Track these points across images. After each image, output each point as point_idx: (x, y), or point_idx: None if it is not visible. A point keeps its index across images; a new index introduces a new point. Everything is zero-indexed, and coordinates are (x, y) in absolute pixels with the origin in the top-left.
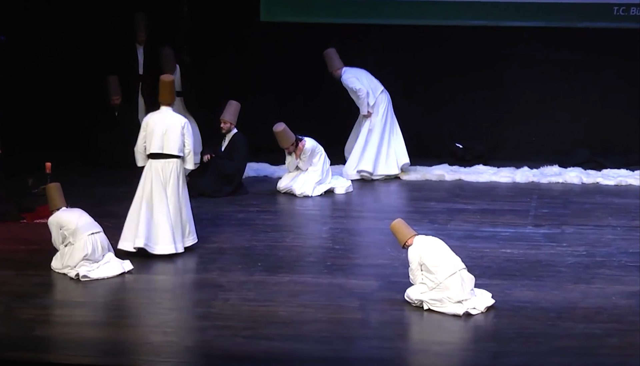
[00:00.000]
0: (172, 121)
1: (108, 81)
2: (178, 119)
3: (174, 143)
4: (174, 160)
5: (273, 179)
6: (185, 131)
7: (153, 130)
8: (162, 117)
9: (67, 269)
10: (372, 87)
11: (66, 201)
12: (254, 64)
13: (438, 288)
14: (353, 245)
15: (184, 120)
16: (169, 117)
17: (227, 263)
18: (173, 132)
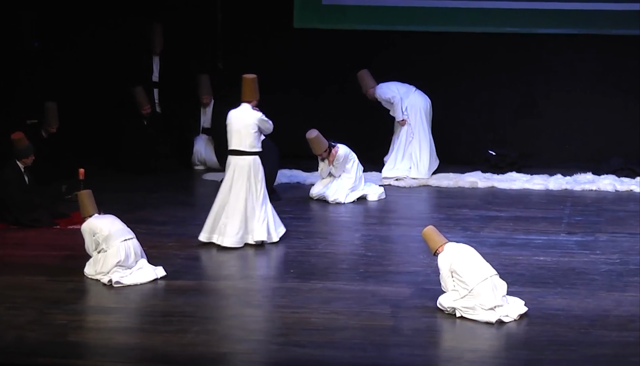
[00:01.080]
0: (247, 119)
1: (136, 92)
2: (253, 115)
3: (247, 140)
4: (248, 157)
5: (306, 185)
6: (260, 123)
7: (232, 127)
8: (239, 114)
9: (100, 276)
10: (403, 93)
11: (99, 208)
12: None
13: (470, 295)
14: (385, 252)
15: (258, 115)
16: (245, 115)
17: (260, 269)
18: (246, 130)
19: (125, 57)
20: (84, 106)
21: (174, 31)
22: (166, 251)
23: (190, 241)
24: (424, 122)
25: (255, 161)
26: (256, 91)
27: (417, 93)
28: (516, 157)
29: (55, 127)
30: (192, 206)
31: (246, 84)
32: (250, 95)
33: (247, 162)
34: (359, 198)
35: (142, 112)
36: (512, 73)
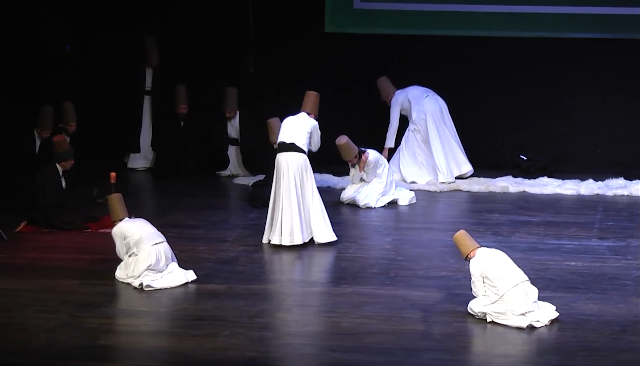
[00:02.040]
0: (303, 122)
1: (177, 90)
2: (309, 121)
3: (299, 139)
4: (298, 154)
5: (336, 190)
6: (313, 129)
7: (285, 127)
8: (295, 119)
9: (131, 279)
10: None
11: (129, 211)
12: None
13: (501, 300)
14: (416, 257)
15: (314, 122)
16: (301, 119)
17: (290, 273)
18: (300, 130)
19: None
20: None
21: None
22: (197, 255)
23: (221, 244)
24: (438, 126)
25: (305, 158)
26: (317, 107)
27: (428, 99)
28: (547, 162)
29: (74, 124)
30: (222, 209)
31: (310, 97)
32: (311, 108)
33: (296, 158)
34: (390, 202)
35: (178, 111)
36: (544, 77)
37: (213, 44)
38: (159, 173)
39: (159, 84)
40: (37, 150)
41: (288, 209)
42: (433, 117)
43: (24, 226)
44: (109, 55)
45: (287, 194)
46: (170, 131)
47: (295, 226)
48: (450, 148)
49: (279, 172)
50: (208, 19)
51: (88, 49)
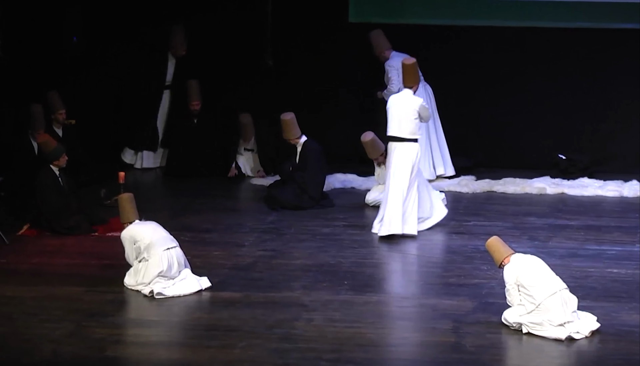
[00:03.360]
0: (408, 105)
1: (189, 85)
2: (415, 101)
3: (407, 127)
4: (407, 144)
5: (361, 191)
6: (421, 109)
7: (392, 113)
8: (400, 100)
9: (141, 286)
10: None
11: (140, 213)
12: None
13: (537, 309)
14: (446, 263)
15: (420, 101)
16: (406, 101)
17: (311, 280)
18: (407, 117)
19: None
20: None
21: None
22: (211, 261)
23: (237, 249)
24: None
25: (413, 148)
26: (417, 76)
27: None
28: (588, 162)
29: (63, 111)
30: (239, 212)
31: (407, 69)
32: (411, 80)
33: (406, 149)
34: None
35: (191, 108)
36: (583, 70)
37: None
38: (171, 173)
39: (179, 78)
40: (37, 152)
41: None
42: (430, 102)
43: (26, 229)
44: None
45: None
46: (183, 128)
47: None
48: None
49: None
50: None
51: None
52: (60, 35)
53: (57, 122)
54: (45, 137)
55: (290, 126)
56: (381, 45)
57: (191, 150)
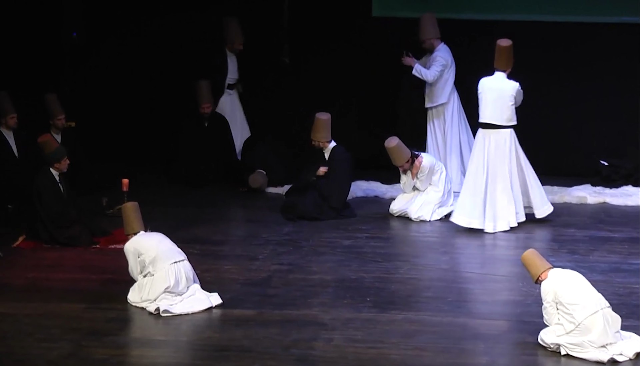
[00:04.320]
0: (504, 89)
1: (199, 86)
2: (510, 85)
3: (504, 113)
4: (505, 130)
5: (385, 200)
6: (517, 94)
7: (486, 98)
8: (494, 83)
9: (146, 303)
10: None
11: (145, 224)
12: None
13: (577, 329)
14: (478, 278)
15: (516, 85)
16: (501, 84)
17: (331, 297)
18: (504, 102)
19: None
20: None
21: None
22: (222, 276)
23: (251, 263)
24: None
25: (513, 134)
26: (511, 58)
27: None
28: (632, 169)
29: (62, 116)
30: (252, 222)
31: (502, 51)
32: (504, 63)
33: (504, 136)
34: (447, 214)
35: (201, 111)
36: (629, 68)
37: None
38: (179, 180)
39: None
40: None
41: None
42: (458, 107)
43: (22, 240)
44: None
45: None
46: (192, 132)
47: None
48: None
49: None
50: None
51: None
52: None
53: (56, 127)
54: (46, 137)
55: (323, 127)
56: (431, 32)
57: (201, 156)
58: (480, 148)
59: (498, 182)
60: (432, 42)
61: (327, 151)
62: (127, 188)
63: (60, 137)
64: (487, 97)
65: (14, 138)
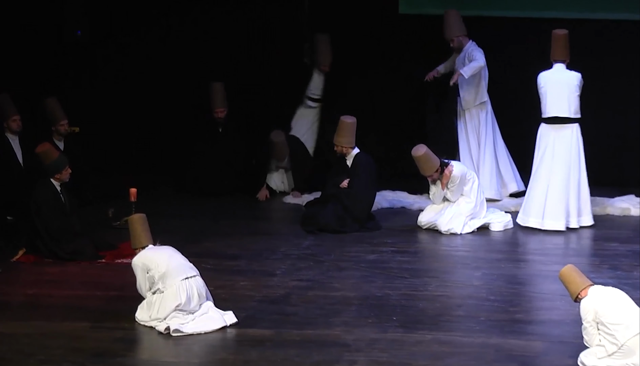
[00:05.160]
0: (569, 80)
1: (212, 89)
2: (574, 76)
3: (572, 105)
4: (573, 125)
5: (412, 211)
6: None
7: (549, 91)
8: (556, 76)
9: (156, 322)
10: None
11: (154, 237)
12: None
13: (620, 351)
14: (513, 296)
15: (579, 76)
16: (564, 76)
17: (354, 316)
18: (571, 93)
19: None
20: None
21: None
22: (238, 292)
23: (268, 279)
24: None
25: (579, 129)
26: (568, 48)
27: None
28: None
29: (65, 122)
30: (270, 235)
31: (559, 40)
32: (562, 53)
33: (571, 131)
34: (480, 227)
35: (215, 115)
36: None
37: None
38: (191, 190)
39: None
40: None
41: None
42: (491, 109)
43: (22, 254)
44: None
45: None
46: (206, 139)
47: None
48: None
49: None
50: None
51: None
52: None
53: (59, 134)
54: (44, 146)
55: (348, 131)
56: (458, 30)
57: (215, 164)
58: (545, 144)
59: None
60: (461, 39)
61: (350, 158)
62: (135, 198)
63: (62, 144)
64: (551, 90)
65: (19, 144)
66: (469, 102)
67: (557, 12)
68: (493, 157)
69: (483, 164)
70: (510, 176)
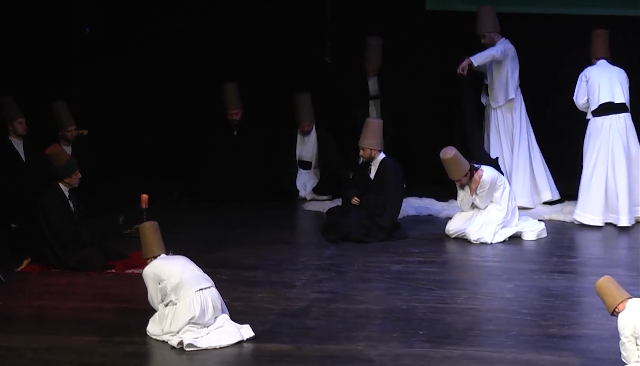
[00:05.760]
0: (618, 73)
1: (226, 90)
2: (621, 70)
3: (625, 94)
4: (625, 114)
5: (440, 219)
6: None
7: (599, 81)
8: (604, 70)
9: (168, 336)
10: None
11: (167, 246)
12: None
13: None
14: (546, 309)
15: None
16: (612, 70)
17: (379, 330)
18: (622, 83)
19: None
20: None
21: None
22: (255, 305)
23: (287, 291)
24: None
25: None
26: (608, 45)
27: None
28: None
29: (72, 128)
30: (289, 244)
31: (598, 38)
32: (604, 50)
33: (624, 121)
34: (512, 236)
35: (229, 117)
36: None
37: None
38: (205, 196)
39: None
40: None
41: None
42: (525, 109)
43: (27, 264)
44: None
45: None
46: (220, 142)
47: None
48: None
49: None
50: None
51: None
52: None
53: (66, 140)
54: (55, 147)
55: (374, 132)
56: (490, 26)
57: (230, 168)
58: (597, 136)
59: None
60: (493, 36)
61: (376, 164)
62: (147, 205)
63: (70, 149)
64: (599, 81)
65: (23, 148)
66: (497, 98)
67: (592, 9)
68: (527, 162)
69: (516, 169)
70: (544, 183)
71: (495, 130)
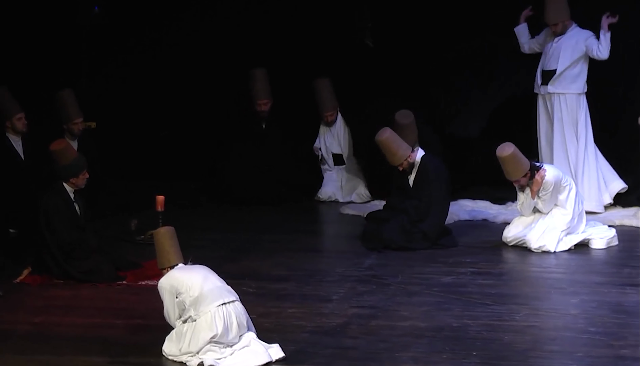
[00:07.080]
0: None
1: (254, 77)
2: None
3: None
4: None
5: (496, 224)
6: None
7: None
8: None
9: (187, 357)
10: None
11: (185, 255)
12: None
13: None
14: (617, 327)
15: None
16: None
17: (426, 350)
18: None
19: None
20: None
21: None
22: (285, 321)
23: (322, 306)
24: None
25: None
26: None
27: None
28: None
29: (79, 120)
30: (324, 253)
31: None
32: None
33: None
34: (578, 244)
35: (257, 108)
36: None
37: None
38: (228, 198)
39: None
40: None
41: None
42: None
43: (27, 274)
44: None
45: None
46: (246, 137)
47: None
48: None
49: None
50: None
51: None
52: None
53: (71, 134)
54: (61, 143)
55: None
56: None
57: (256, 167)
58: None
59: None
60: (566, 23)
61: (415, 164)
62: (163, 208)
63: (76, 144)
64: None
65: (22, 146)
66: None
67: None
68: (595, 161)
69: (583, 168)
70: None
71: (559, 125)
